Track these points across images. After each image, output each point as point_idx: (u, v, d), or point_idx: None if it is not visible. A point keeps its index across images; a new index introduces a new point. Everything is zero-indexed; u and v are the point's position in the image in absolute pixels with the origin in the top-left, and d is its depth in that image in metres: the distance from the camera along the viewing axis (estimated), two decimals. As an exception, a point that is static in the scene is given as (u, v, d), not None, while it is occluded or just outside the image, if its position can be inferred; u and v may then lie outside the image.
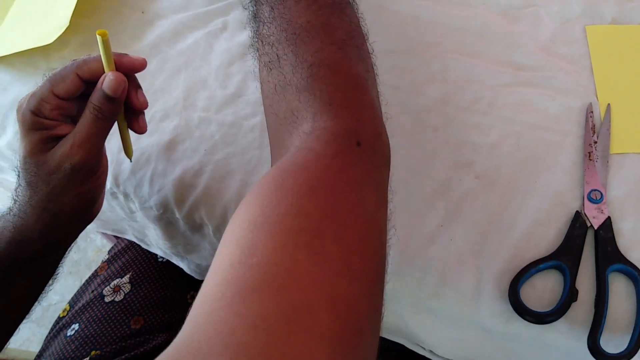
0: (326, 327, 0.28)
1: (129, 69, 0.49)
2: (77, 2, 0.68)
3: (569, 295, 0.48)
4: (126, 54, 0.49)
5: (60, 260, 0.56)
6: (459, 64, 0.62)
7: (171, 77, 0.66)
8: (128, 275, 0.75)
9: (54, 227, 0.50)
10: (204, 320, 0.28)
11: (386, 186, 0.41)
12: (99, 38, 0.46)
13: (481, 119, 0.59)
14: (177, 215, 0.60)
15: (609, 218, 0.51)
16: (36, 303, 0.56)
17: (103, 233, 1.10)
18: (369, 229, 0.35)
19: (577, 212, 0.52)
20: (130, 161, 0.58)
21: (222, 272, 0.30)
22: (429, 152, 0.58)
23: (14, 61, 0.70)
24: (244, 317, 0.27)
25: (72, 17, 0.67)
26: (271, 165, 0.44)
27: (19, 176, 0.50)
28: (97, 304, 0.72)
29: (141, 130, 0.52)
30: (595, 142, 0.55)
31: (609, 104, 0.57)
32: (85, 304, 0.73)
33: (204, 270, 0.69)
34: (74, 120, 0.49)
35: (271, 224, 0.32)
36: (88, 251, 1.51)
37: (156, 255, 0.77)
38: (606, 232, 0.50)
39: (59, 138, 0.48)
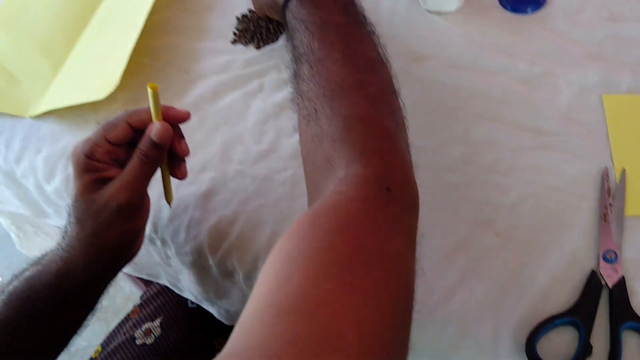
0: (354, 350, 0.31)
1: (174, 120, 0.54)
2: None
3: (584, 351, 0.49)
4: (172, 107, 0.55)
5: (101, 295, 0.59)
6: (481, 127, 0.66)
7: (210, 133, 0.70)
8: (159, 319, 0.78)
9: (98, 261, 0.55)
10: (244, 337, 0.31)
11: (415, 229, 0.44)
12: (149, 90, 0.51)
13: (502, 179, 0.62)
14: (210, 261, 0.64)
15: (623, 277, 0.53)
16: (75, 336, 0.59)
17: (133, 280, 1.14)
18: (396, 266, 0.38)
19: (592, 271, 0.54)
20: (170, 207, 0.62)
21: (261, 298, 0.33)
22: (451, 210, 0.61)
23: (65, 113, 0.76)
24: (279, 336, 0.30)
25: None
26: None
27: (69, 214, 0.54)
28: (129, 346, 0.75)
29: (182, 176, 0.57)
30: (611, 205, 0.58)
31: (624, 169, 0.60)
32: (117, 346, 0.75)
33: (233, 315, 0.72)
34: (122, 164, 0.54)
35: (305, 258, 0.35)
36: (117, 298, 1.54)
37: (186, 301, 0.80)
38: (620, 291, 0.52)
39: (108, 180, 0.53)
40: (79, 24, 0.83)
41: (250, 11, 0.80)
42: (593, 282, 0.53)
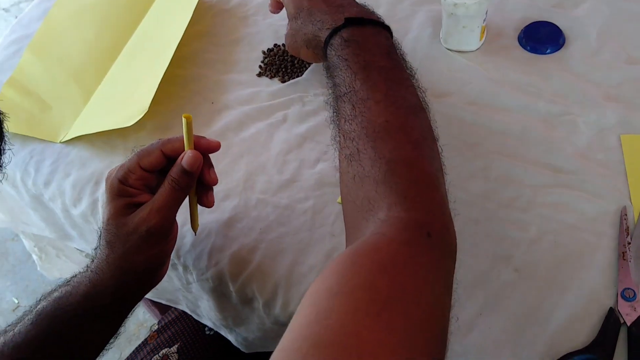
0: None
1: (205, 149, 0.57)
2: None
3: (603, 388, 0.49)
4: (204, 137, 0.57)
5: (124, 318, 0.61)
6: (500, 163, 0.67)
7: (234, 162, 0.72)
8: (176, 346, 0.79)
9: (125, 284, 0.56)
10: None
11: (452, 276, 0.45)
12: (184, 120, 0.54)
13: (521, 215, 0.63)
14: (231, 288, 0.65)
15: (641, 316, 0.53)
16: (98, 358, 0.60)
17: (147, 307, 1.14)
18: (433, 310, 0.38)
19: (610, 308, 0.54)
20: (194, 234, 0.64)
21: (300, 329, 0.34)
22: (470, 244, 0.62)
23: (94, 140, 0.78)
24: None
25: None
26: (346, 247, 0.48)
27: (100, 237, 0.57)
28: (147, 372, 0.76)
29: (209, 204, 0.59)
30: (629, 244, 0.58)
31: (642, 208, 0.61)
32: None
33: (251, 343, 0.72)
34: (153, 191, 0.56)
35: (345, 294, 0.36)
36: (130, 325, 1.55)
37: (204, 327, 0.81)
38: (638, 329, 0.52)
39: (139, 205, 0.55)
40: (111, 54, 0.86)
41: (275, 45, 0.83)
42: (611, 320, 0.53)
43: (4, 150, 0.40)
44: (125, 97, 0.80)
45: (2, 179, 0.45)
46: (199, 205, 0.61)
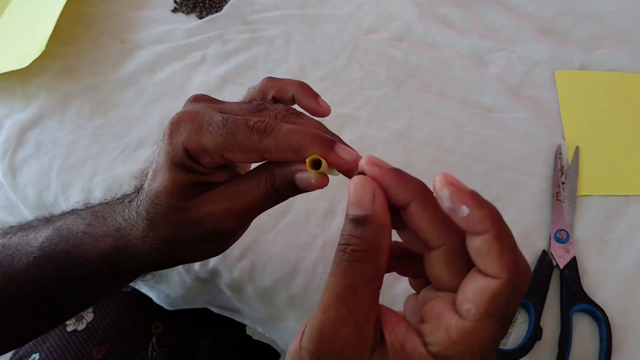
0: None
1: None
2: (57, 31, 0.69)
3: (533, 334, 0.48)
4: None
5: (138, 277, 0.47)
6: (427, 102, 0.63)
7: (148, 107, 0.66)
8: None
9: (155, 262, 0.42)
10: None
11: None
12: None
13: (447, 156, 0.60)
14: (147, 244, 0.60)
15: (574, 258, 0.51)
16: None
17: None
18: None
19: (543, 251, 0.52)
20: None
21: None
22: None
23: (-10, 85, 0.70)
24: None
25: (52, 44, 0.67)
26: None
27: (138, 202, 0.40)
28: (59, 333, 0.70)
29: (324, 111, 0.42)
30: (563, 184, 0.56)
31: (577, 147, 0.59)
32: (45, 334, 0.71)
33: (174, 300, 0.68)
34: (227, 168, 0.40)
35: None
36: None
37: (124, 285, 0.76)
38: (571, 272, 0.50)
39: (210, 185, 0.38)
40: (6, -10, 0.77)
41: (192, -21, 0.76)
42: (544, 263, 0.51)
43: None
44: (21, 36, 0.72)
45: None
46: None
